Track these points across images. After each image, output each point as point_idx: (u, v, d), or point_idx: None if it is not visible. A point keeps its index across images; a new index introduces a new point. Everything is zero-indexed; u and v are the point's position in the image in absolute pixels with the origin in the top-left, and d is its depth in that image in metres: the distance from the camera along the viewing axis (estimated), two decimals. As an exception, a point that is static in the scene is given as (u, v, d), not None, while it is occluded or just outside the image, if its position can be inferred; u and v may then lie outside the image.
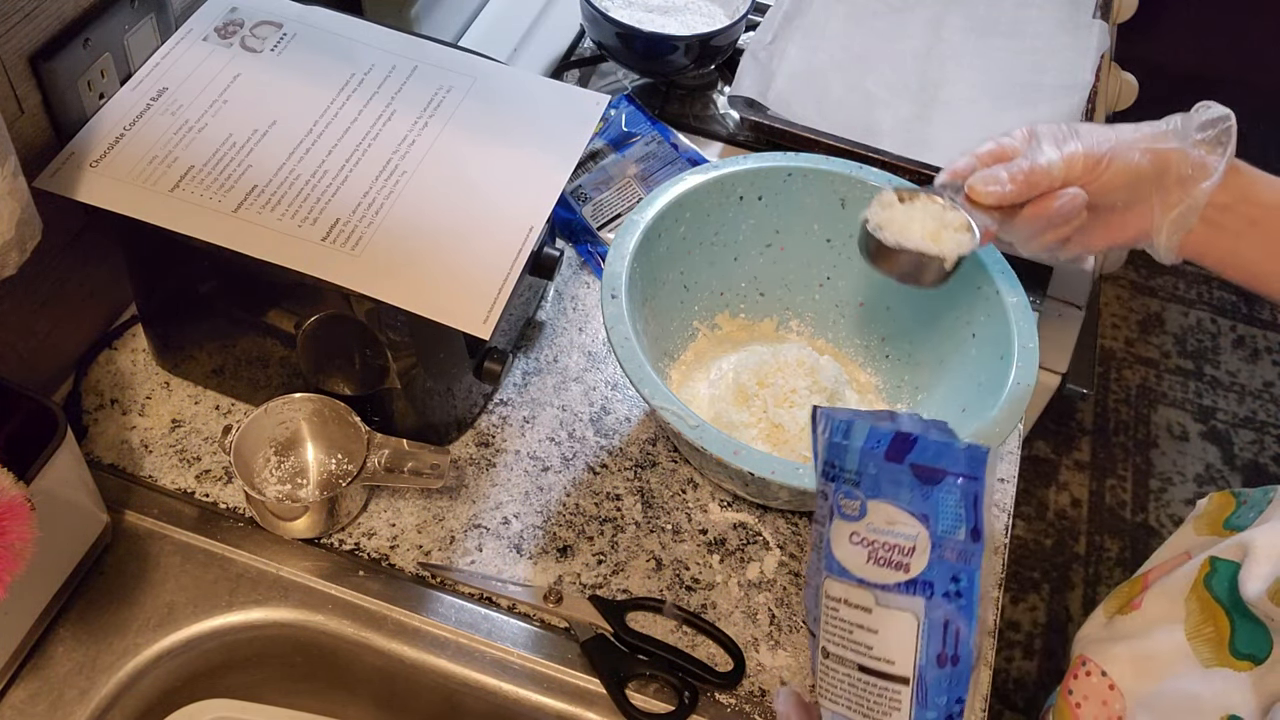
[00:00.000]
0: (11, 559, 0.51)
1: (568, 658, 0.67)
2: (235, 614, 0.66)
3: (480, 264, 0.64)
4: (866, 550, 0.50)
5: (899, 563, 0.50)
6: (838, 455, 0.51)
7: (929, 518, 0.49)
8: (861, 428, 0.51)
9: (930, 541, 0.49)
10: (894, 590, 0.49)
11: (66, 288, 0.73)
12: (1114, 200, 0.65)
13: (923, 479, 0.49)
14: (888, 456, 0.50)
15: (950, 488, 0.48)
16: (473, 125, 0.70)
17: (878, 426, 0.50)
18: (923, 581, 0.49)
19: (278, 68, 0.71)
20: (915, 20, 1.09)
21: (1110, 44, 1.09)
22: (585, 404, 0.79)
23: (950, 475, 0.48)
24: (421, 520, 0.72)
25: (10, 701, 0.62)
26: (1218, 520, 0.76)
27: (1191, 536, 0.77)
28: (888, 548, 0.50)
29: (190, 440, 0.74)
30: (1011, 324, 0.71)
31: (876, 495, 0.50)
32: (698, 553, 0.72)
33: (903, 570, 0.49)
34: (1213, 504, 0.78)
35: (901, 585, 0.49)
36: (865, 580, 0.50)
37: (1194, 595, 0.69)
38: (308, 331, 0.68)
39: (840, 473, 0.51)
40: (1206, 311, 2.19)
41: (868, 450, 0.50)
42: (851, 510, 0.51)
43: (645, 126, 0.96)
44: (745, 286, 0.83)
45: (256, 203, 0.64)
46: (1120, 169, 0.63)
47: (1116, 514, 1.86)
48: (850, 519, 0.51)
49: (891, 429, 0.50)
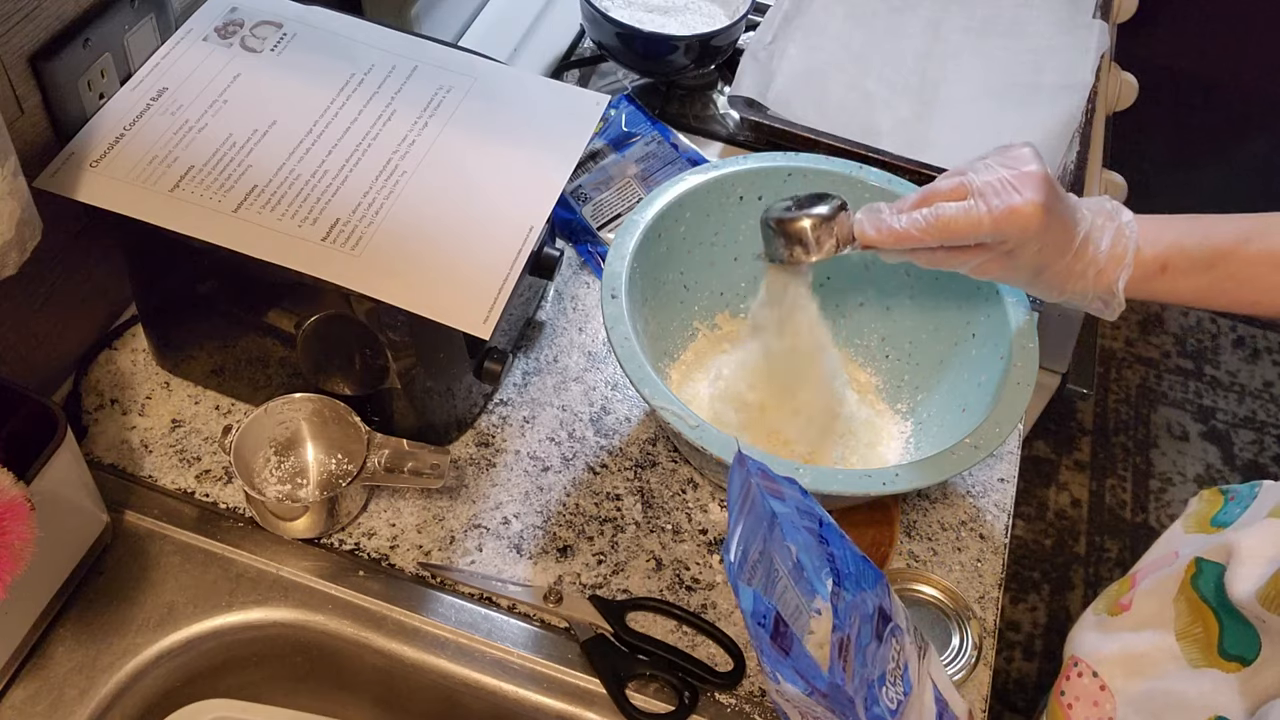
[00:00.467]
0: (11, 559, 0.51)
1: (568, 658, 0.67)
2: (235, 614, 0.66)
3: (480, 264, 0.64)
4: (798, 710, 0.49)
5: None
6: (743, 610, 0.49)
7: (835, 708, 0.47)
8: (745, 594, 0.48)
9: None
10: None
11: (66, 288, 0.73)
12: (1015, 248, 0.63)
13: (807, 683, 0.47)
14: (773, 642, 0.48)
15: (835, 702, 0.47)
16: (473, 125, 0.70)
17: (761, 597, 0.48)
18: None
19: (278, 68, 0.71)
20: (915, 20, 1.09)
21: (1110, 44, 1.09)
22: (585, 404, 0.79)
23: (820, 694, 0.47)
24: (421, 520, 0.72)
25: (10, 701, 0.62)
26: (1205, 518, 0.76)
27: (1180, 535, 0.77)
28: (815, 715, 0.48)
29: (190, 440, 0.74)
30: (1011, 324, 0.71)
31: (780, 674, 0.48)
32: (698, 553, 0.72)
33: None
34: (1202, 502, 0.78)
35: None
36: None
37: (1182, 596, 0.69)
38: (308, 331, 0.68)
39: (750, 628, 0.49)
40: (1206, 311, 2.19)
41: (754, 623, 0.48)
42: (769, 672, 0.49)
43: (645, 126, 0.96)
44: (745, 286, 0.83)
45: (256, 203, 0.64)
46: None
47: (1116, 514, 1.86)
48: (770, 679, 0.49)
49: (772, 605, 0.48)
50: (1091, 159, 1.00)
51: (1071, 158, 0.97)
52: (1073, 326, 0.97)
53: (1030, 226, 0.60)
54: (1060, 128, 0.97)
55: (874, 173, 0.78)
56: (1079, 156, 0.97)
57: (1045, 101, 1.00)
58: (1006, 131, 0.98)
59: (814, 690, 0.47)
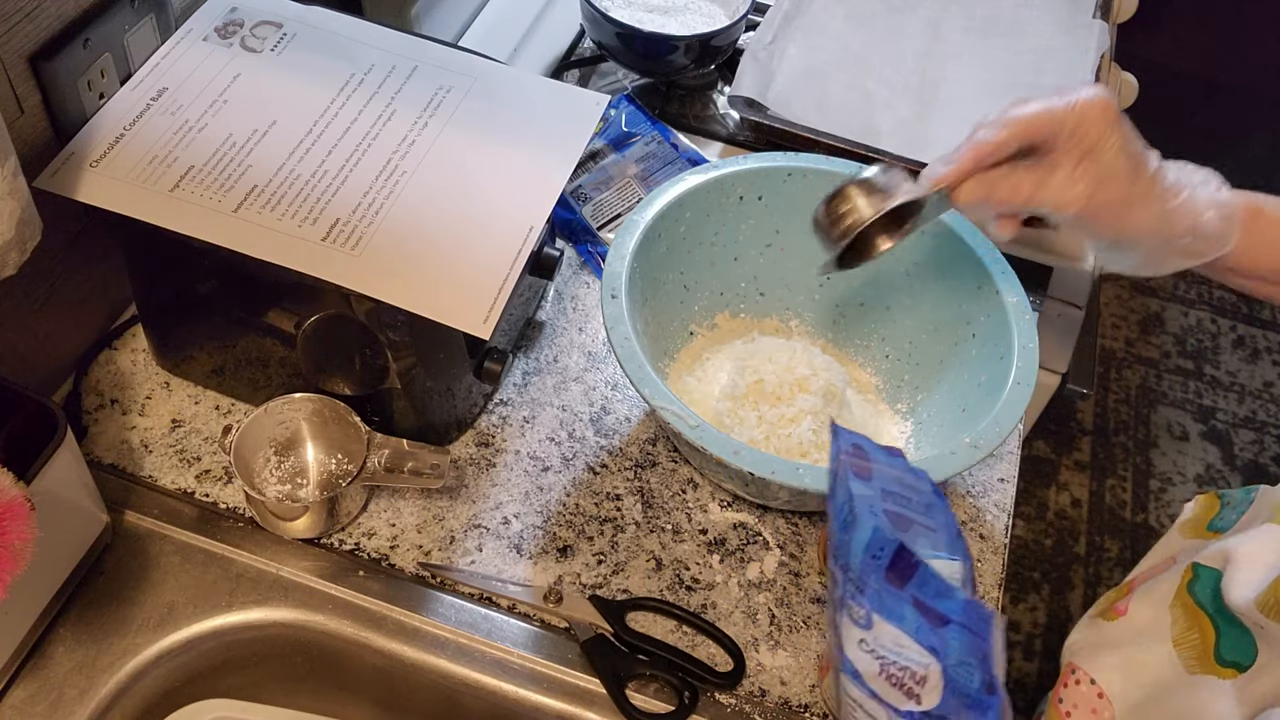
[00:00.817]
0: (11, 559, 0.51)
1: (568, 658, 0.67)
2: (235, 614, 0.66)
3: (480, 264, 0.64)
4: (878, 663, 0.47)
5: (910, 690, 0.46)
6: (842, 547, 0.47)
7: (940, 653, 0.45)
8: (865, 525, 0.46)
9: (943, 679, 0.45)
10: (907, 717, 0.47)
11: (66, 287, 0.73)
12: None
13: (927, 616, 0.45)
14: (889, 576, 0.46)
15: (958, 635, 0.45)
16: (473, 125, 0.70)
17: (881, 531, 0.46)
18: (937, 716, 0.46)
19: (278, 68, 0.71)
20: (915, 20, 1.09)
21: (1110, 44, 1.09)
22: (585, 404, 0.79)
23: (954, 624, 0.45)
24: (421, 520, 0.72)
25: (10, 701, 0.62)
26: (1201, 523, 0.76)
27: (1178, 541, 0.77)
28: (899, 669, 0.46)
29: (190, 440, 0.74)
30: (1011, 324, 0.71)
31: (882, 614, 0.46)
32: (698, 553, 0.72)
33: (914, 700, 0.46)
34: (1199, 507, 0.78)
35: (915, 715, 0.46)
36: (878, 695, 0.47)
37: (1178, 602, 0.69)
38: (308, 331, 0.68)
39: (847, 568, 0.47)
40: (1206, 311, 2.19)
41: (869, 560, 0.46)
42: (859, 618, 0.47)
43: (645, 126, 0.96)
44: (745, 286, 0.83)
45: (256, 203, 0.64)
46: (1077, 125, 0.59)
47: (1116, 514, 1.86)
48: (859, 625, 0.47)
49: (895, 538, 0.45)
50: (1091, 159, 0.99)
51: (1071, 158, 0.96)
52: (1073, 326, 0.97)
53: (1109, 112, 0.58)
54: (1060, 128, 0.97)
55: (874, 173, 0.78)
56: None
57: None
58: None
59: (936, 620, 0.44)
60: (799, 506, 0.73)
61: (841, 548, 0.48)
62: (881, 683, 0.48)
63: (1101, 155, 0.59)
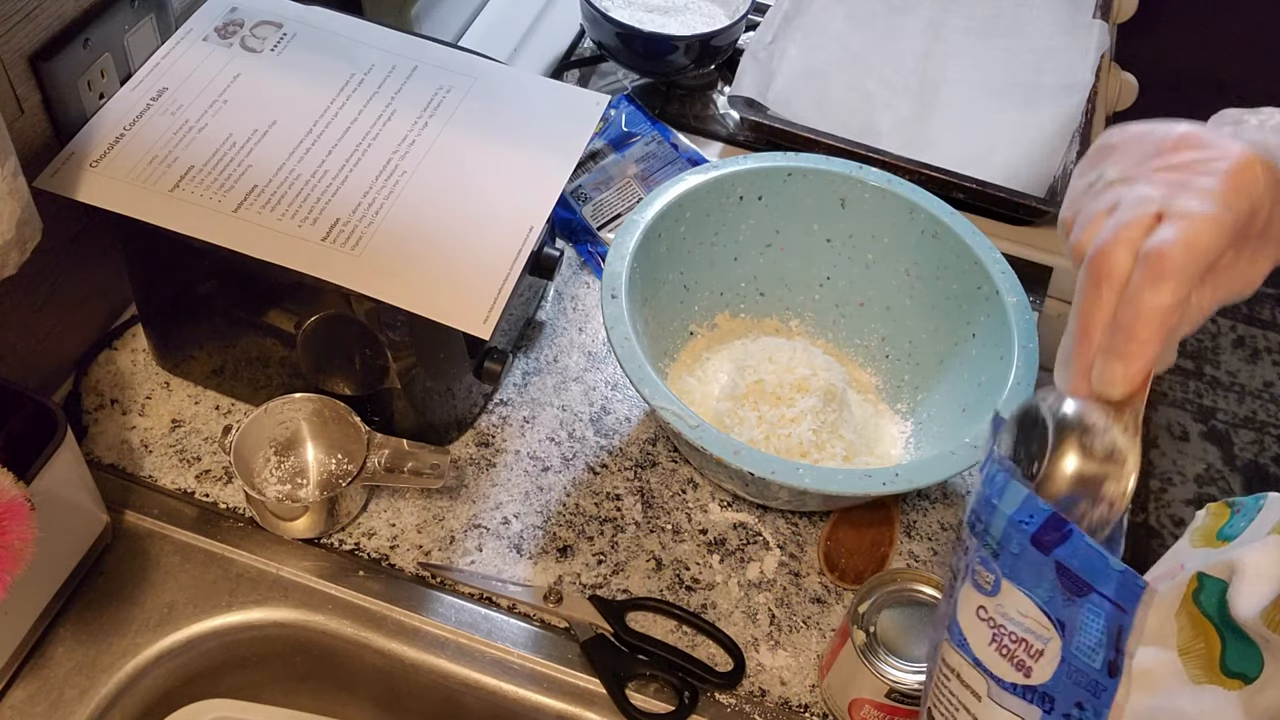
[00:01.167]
0: (11, 559, 0.51)
1: (568, 658, 0.67)
2: (235, 614, 0.66)
3: (480, 264, 0.64)
4: (991, 632, 0.45)
5: (1022, 662, 0.44)
6: (985, 513, 0.44)
7: (1065, 627, 0.42)
8: (1015, 493, 0.43)
9: (1061, 654, 0.43)
10: (1009, 690, 0.44)
11: (66, 287, 0.73)
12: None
13: (1066, 585, 0.42)
14: (1035, 540, 0.42)
15: (1095, 608, 0.42)
16: (473, 125, 0.70)
17: (1033, 498, 0.42)
18: (1043, 693, 0.44)
19: (278, 68, 0.71)
20: (915, 20, 1.09)
21: (1110, 44, 1.09)
22: (585, 404, 0.79)
23: (1097, 594, 0.42)
24: (421, 520, 0.72)
25: (10, 701, 0.62)
26: (1212, 532, 0.76)
27: (1187, 549, 0.77)
28: (1014, 640, 0.44)
29: (190, 440, 0.74)
30: (1011, 324, 0.71)
31: (1013, 579, 0.43)
32: (698, 553, 0.72)
33: (1024, 672, 0.44)
34: (1209, 515, 0.78)
35: (1019, 688, 0.44)
36: (982, 664, 0.45)
37: (1184, 611, 0.68)
38: (308, 331, 0.68)
39: (984, 534, 0.45)
40: (1206, 311, 2.19)
41: (1015, 523, 0.43)
42: (985, 583, 0.45)
43: (645, 126, 0.96)
44: (745, 286, 0.83)
45: (256, 203, 0.64)
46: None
47: (1116, 514, 1.86)
48: (982, 591, 0.45)
49: (1047, 508, 0.41)
50: (1091, 159, 0.99)
51: (1071, 158, 0.97)
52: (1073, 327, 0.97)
53: (1268, 176, 0.44)
54: (1060, 128, 0.98)
55: (874, 173, 0.78)
56: (1079, 156, 0.97)
57: (1045, 101, 1.00)
58: (1006, 131, 0.98)
59: (1077, 588, 0.41)
60: (799, 506, 0.73)
61: (984, 511, 0.44)
62: (990, 652, 0.45)
63: (1271, 228, 0.46)
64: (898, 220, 0.78)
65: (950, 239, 0.76)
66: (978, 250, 0.74)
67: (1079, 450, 0.45)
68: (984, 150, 0.97)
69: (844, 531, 0.73)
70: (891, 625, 0.60)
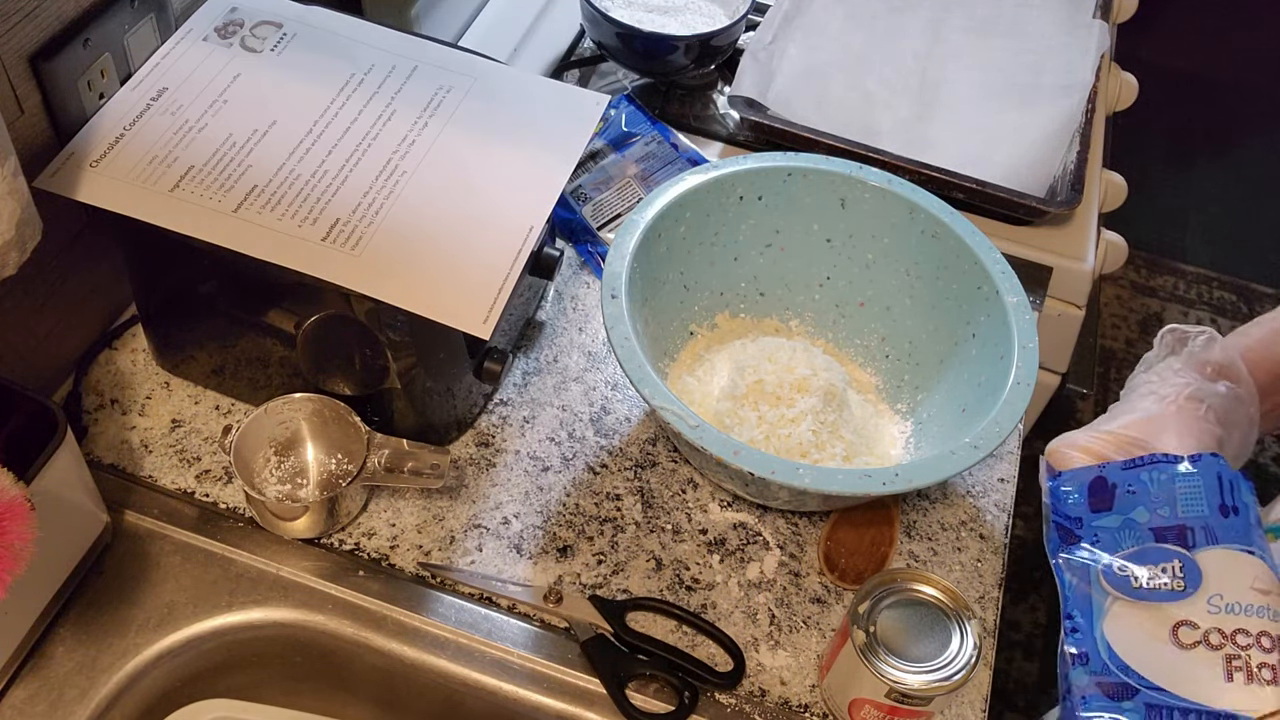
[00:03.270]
0: (11, 559, 0.51)
1: (568, 658, 0.67)
2: (235, 614, 0.66)
3: (480, 264, 0.64)
4: (1215, 654, 0.32)
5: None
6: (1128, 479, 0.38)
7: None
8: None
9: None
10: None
11: (66, 287, 0.73)
12: None
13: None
14: (1221, 509, 0.36)
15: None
16: (473, 125, 0.70)
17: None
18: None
19: (278, 68, 0.71)
20: (915, 20, 1.09)
21: (1110, 44, 1.09)
22: (585, 404, 0.79)
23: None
24: (421, 520, 0.72)
25: (10, 701, 0.62)
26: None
27: None
28: (1250, 638, 0.32)
29: (190, 440, 0.74)
30: (1011, 324, 0.71)
31: (1215, 543, 0.34)
32: (698, 553, 0.72)
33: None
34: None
35: None
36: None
37: None
38: (308, 331, 0.68)
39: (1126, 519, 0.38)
40: (1206, 311, 2.19)
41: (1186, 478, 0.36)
42: (1169, 582, 0.35)
43: (645, 126, 0.96)
44: (745, 286, 0.83)
45: (256, 203, 0.64)
46: None
47: (1116, 514, 1.86)
48: (1172, 596, 0.34)
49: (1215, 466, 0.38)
50: (1091, 159, 1.00)
51: (1071, 158, 0.97)
52: (1073, 326, 0.97)
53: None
54: (1060, 128, 0.98)
55: (874, 173, 0.78)
56: (1079, 156, 0.97)
57: (1045, 102, 1.00)
58: (1006, 131, 0.99)
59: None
60: (799, 506, 0.73)
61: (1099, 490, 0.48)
62: (1235, 693, 0.43)
63: (1235, 431, 0.66)
64: (898, 220, 0.78)
65: (950, 239, 0.76)
66: (978, 250, 0.74)
67: None
68: (984, 150, 0.97)
69: (844, 531, 0.73)
70: (891, 625, 0.60)
